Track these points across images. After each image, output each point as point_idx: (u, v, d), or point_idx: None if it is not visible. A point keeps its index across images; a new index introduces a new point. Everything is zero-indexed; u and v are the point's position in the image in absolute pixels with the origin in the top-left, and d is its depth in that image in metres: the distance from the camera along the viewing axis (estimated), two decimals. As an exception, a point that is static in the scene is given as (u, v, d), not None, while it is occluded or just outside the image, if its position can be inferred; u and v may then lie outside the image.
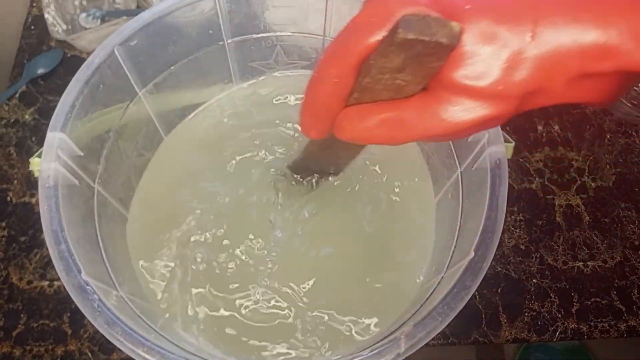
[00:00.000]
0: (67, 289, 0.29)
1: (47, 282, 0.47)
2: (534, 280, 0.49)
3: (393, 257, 0.43)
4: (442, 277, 0.35)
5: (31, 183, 0.51)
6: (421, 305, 0.33)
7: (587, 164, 0.55)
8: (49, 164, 0.32)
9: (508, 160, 0.33)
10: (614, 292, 0.49)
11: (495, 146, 0.33)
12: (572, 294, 0.49)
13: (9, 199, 0.51)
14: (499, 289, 0.49)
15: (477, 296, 0.48)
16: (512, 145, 0.34)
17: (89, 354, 0.44)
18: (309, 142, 0.34)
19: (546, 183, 0.54)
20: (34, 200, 0.51)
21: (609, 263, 0.51)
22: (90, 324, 0.28)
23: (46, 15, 0.57)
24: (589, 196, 0.54)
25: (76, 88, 0.35)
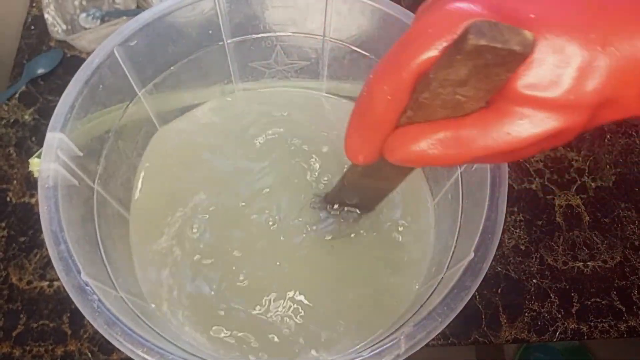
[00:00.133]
0: (66, 289, 0.29)
1: (47, 283, 0.47)
2: (534, 281, 0.49)
3: (390, 266, 0.43)
4: (442, 277, 0.35)
5: (31, 183, 0.51)
6: (421, 306, 0.33)
7: (587, 164, 0.55)
8: (49, 164, 0.32)
9: (508, 160, 0.33)
10: (614, 292, 0.49)
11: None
12: (572, 294, 0.49)
13: (8, 199, 0.51)
14: (499, 289, 0.49)
15: (477, 296, 0.48)
16: None
17: (89, 354, 0.44)
18: (347, 169, 0.32)
19: (546, 183, 0.54)
20: (33, 201, 0.51)
21: (609, 263, 0.50)
22: (90, 324, 0.29)
23: (46, 16, 0.57)
24: (589, 196, 0.54)
25: (76, 88, 0.35)
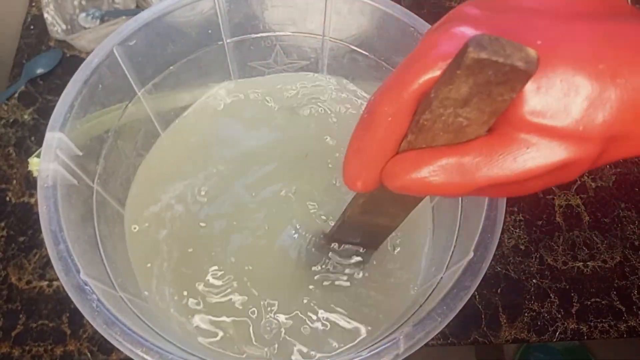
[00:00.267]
0: (66, 289, 0.29)
1: (46, 282, 0.47)
2: (534, 281, 0.49)
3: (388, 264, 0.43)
4: (442, 277, 0.35)
5: (30, 183, 0.51)
6: (420, 306, 0.33)
7: (587, 164, 0.55)
8: (48, 164, 0.32)
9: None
10: (614, 292, 0.49)
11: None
12: (572, 294, 0.49)
13: (8, 199, 0.51)
14: (499, 289, 0.49)
15: (477, 296, 0.48)
16: None
17: (88, 354, 0.44)
18: (348, 205, 0.31)
19: (546, 183, 0.54)
20: (33, 201, 0.51)
21: (609, 263, 0.50)
22: (90, 324, 0.28)
23: (45, 15, 0.57)
24: (589, 196, 0.54)
25: (75, 88, 0.35)
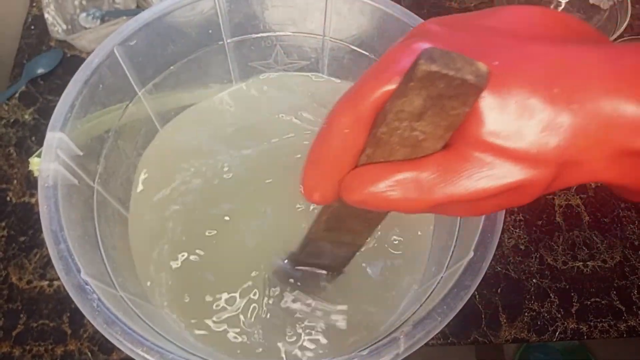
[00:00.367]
0: (66, 288, 0.29)
1: (47, 282, 0.47)
2: (534, 280, 0.49)
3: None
4: (442, 277, 0.35)
5: (31, 183, 0.51)
6: (420, 305, 0.33)
7: (587, 163, 0.55)
8: (49, 164, 0.32)
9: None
10: (614, 292, 0.49)
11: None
12: (572, 294, 0.49)
13: (8, 198, 0.51)
14: (499, 288, 0.49)
15: (477, 296, 0.48)
16: None
17: (89, 353, 0.44)
18: (312, 223, 0.30)
19: (546, 183, 0.54)
20: (33, 200, 0.51)
21: (609, 263, 0.51)
22: (90, 323, 0.29)
23: (46, 15, 0.57)
24: (588, 196, 0.54)
25: (76, 88, 0.35)
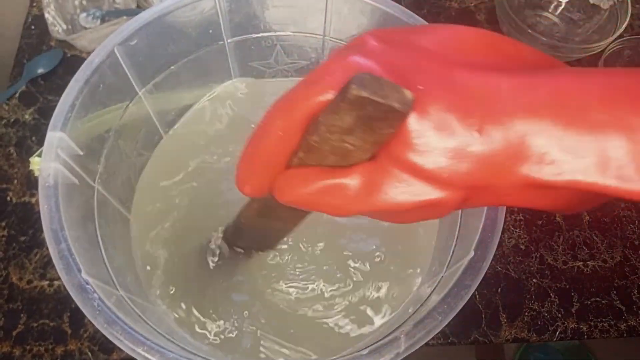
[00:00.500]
0: (67, 288, 0.29)
1: (47, 282, 0.47)
2: (534, 280, 0.49)
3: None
4: (442, 276, 0.35)
5: (31, 183, 0.51)
6: (421, 305, 0.33)
7: (587, 163, 0.55)
8: (49, 164, 0.32)
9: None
10: (614, 291, 0.49)
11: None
12: (572, 293, 0.49)
13: (9, 198, 0.51)
14: (499, 288, 0.49)
15: (477, 296, 0.48)
16: None
17: (89, 353, 0.44)
18: (243, 207, 0.31)
19: (546, 183, 0.54)
20: (34, 200, 0.51)
21: (609, 263, 0.51)
22: (90, 323, 0.29)
23: (46, 15, 0.57)
24: (588, 196, 0.54)
25: (76, 88, 0.35)
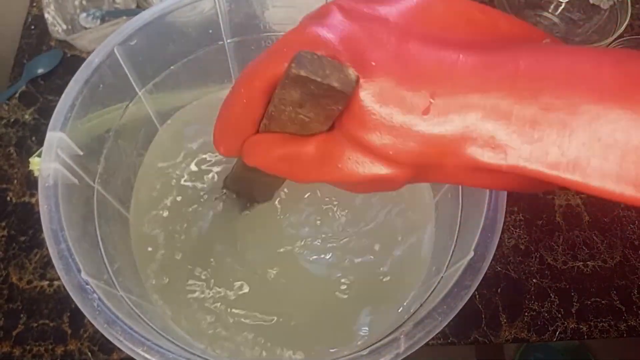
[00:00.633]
0: (66, 288, 0.29)
1: (47, 282, 0.47)
2: (534, 280, 0.49)
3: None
4: (442, 276, 0.35)
5: (31, 183, 0.51)
6: (421, 305, 0.33)
7: (587, 163, 0.55)
8: (49, 164, 0.32)
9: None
10: (614, 292, 0.49)
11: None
12: (572, 293, 0.49)
13: (8, 198, 0.51)
14: (499, 288, 0.49)
15: (477, 296, 0.48)
16: None
17: (89, 353, 0.44)
18: (236, 161, 0.34)
19: (546, 183, 0.54)
20: (33, 200, 0.51)
21: (609, 263, 0.51)
22: (90, 323, 0.29)
23: (46, 15, 0.57)
24: (588, 196, 0.54)
25: (76, 88, 0.35)
